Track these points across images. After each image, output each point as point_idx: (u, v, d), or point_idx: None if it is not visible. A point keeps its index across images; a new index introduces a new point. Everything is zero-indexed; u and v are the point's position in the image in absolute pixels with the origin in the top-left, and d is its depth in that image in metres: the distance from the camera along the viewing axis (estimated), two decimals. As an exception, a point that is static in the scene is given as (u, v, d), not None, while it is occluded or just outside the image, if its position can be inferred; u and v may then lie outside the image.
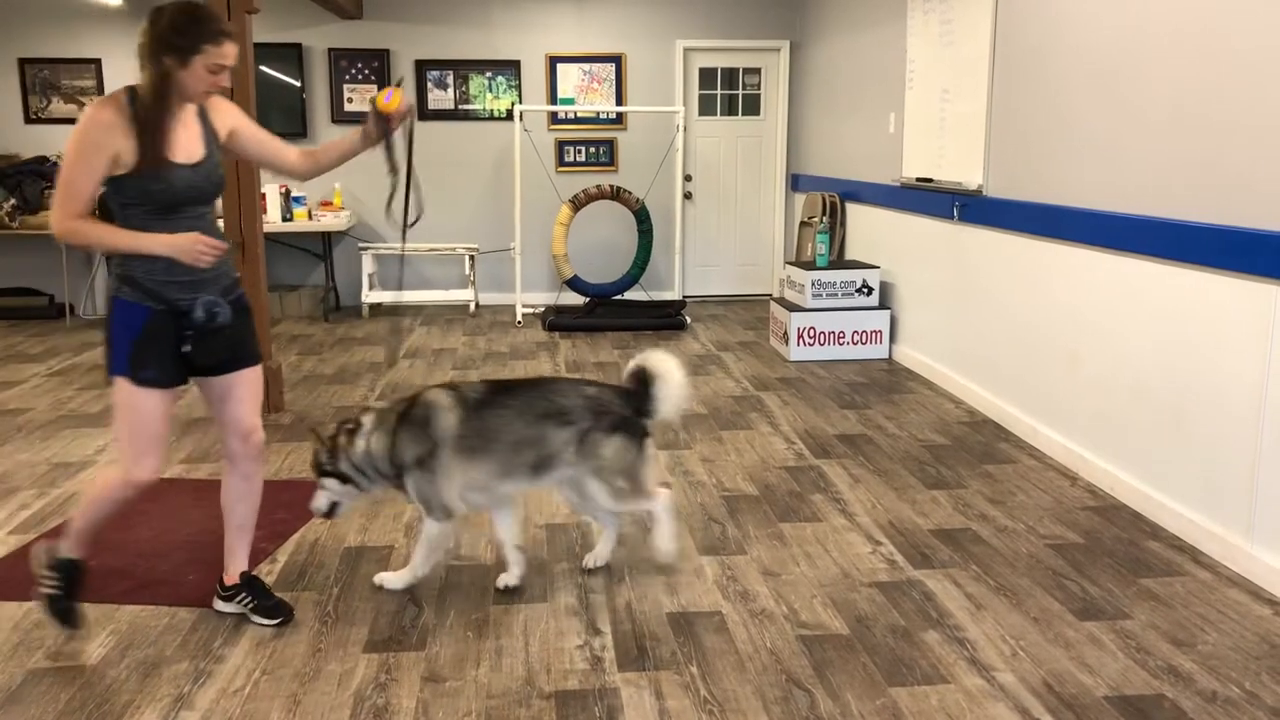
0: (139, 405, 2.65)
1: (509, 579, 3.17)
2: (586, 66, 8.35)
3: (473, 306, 8.25)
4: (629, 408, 3.15)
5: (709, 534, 3.60)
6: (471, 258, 8.18)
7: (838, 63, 7.49)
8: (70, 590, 2.83)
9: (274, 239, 7.85)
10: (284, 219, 7.72)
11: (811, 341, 6.31)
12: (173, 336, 2.66)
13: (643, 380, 3.17)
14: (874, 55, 6.70)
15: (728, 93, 8.60)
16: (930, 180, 5.75)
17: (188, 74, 2.52)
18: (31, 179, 7.63)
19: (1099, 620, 2.96)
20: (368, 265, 8.03)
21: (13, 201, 7.53)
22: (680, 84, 8.42)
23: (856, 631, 2.90)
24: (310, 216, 7.90)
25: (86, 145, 2.50)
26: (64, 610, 2.83)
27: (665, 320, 7.43)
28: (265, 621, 2.93)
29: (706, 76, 8.54)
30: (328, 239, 8.19)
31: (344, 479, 3.05)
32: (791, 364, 6.26)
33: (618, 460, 3.10)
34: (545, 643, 2.84)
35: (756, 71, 8.58)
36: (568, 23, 8.32)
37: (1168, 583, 3.21)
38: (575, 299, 7.97)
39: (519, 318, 7.75)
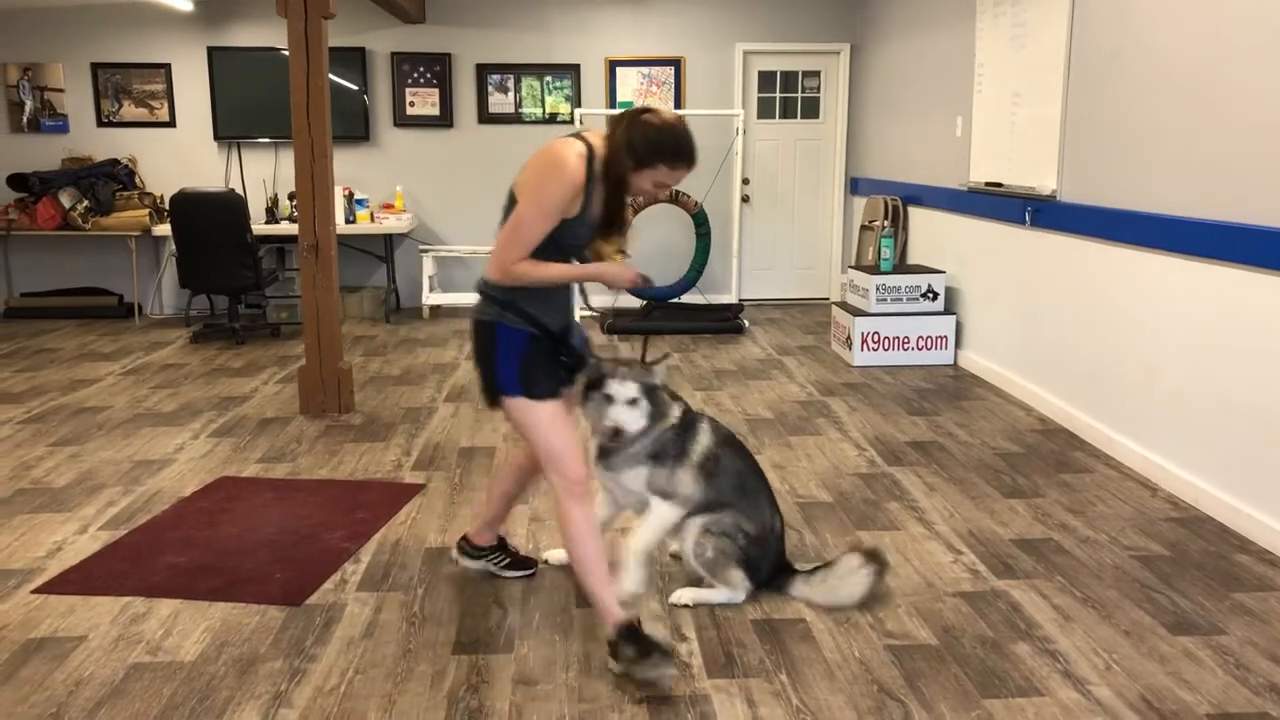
0: (544, 417, 2.78)
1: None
2: (646, 70, 8.37)
3: (531, 309, 8.28)
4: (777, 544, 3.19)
5: (786, 541, 3.58)
6: (530, 260, 8.21)
7: (900, 65, 7.43)
8: (645, 647, 2.66)
9: (337, 241, 7.94)
10: (347, 221, 7.81)
11: (875, 346, 6.27)
12: (551, 354, 2.84)
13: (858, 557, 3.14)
14: (939, 58, 6.64)
15: (787, 96, 8.56)
16: (999, 185, 5.68)
17: (636, 178, 2.68)
18: (104, 181, 7.79)
19: (1193, 635, 2.90)
20: (428, 267, 8.10)
21: (85, 203, 7.70)
22: (739, 87, 8.40)
23: (945, 642, 2.87)
24: (373, 219, 8.00)
25: (555, 203, 2.64)
26: (659, 660, 2.64)
27: (723, 324, 7.42)
28: (518, 574, 3.27)
29: (765, 79, 8.52)
30: (389, 241, 8.28)
31: (654, 409, 2.97)
32: (855, 369, 6.22)
33: (720, 557, 3.08)
34: (632, 647, 2.85)
35: (816, 74, 8.54)
36: (627, 26, 8.34)
37: (1262, 598, 3.14)
38: (633, 301, 7.98)
39: (578, 320, 7.76)
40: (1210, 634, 2.91)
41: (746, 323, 7.58)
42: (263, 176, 8.26)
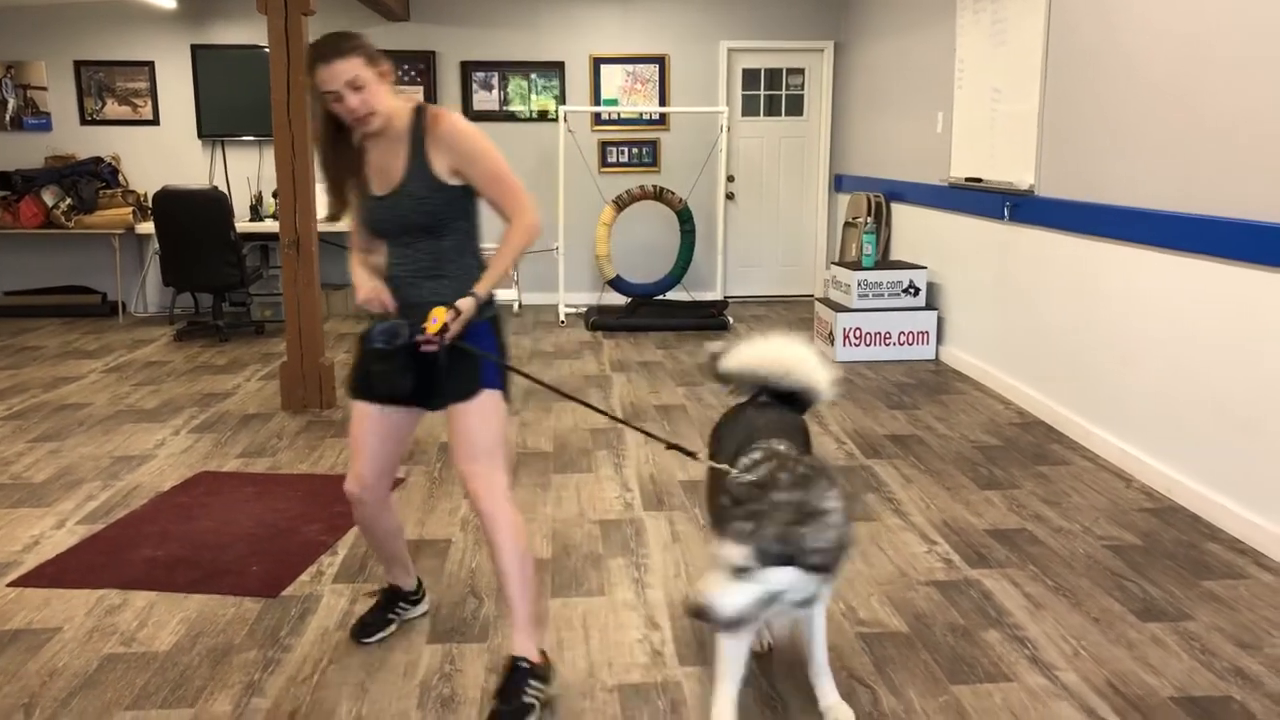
0: (353, 414, 2.62)
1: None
2: (630, 68, 8.38)
3: (516, 306, 8.30)
4: None
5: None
6: (515, 257, 8.22)
7: (883, 63, 7.46)
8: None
9: (320, 238, 7.94)
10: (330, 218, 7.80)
11: (858, 342, 6.30)
12: (373, 351, 2.48)
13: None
14: (921, 55, 6.67)
15: (771, 93, 8.59)
16: (979, 180, 5.72)
17: (327, 107, 2.37)
18: (87, 179, 7.78)
19: (1161, 621, 2.93)
20: (413, 265, 8.09)
21: (68, 201, 7.68)
22: (724, 84, 8.43)
23: (916, 629, 2.90)
24: (357, 216, 7.99)
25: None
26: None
27: (708, 320, 7.44)
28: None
29: (750, 77, 8.54)
30: (373, 239, 8.27)
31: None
32: (838, 364, 6.25)
33: None
34: (605, 636, 2.87)
35: (800, 72, 8.57)
36: (612, 24, 8.35)
37: (1230, 585, 3.17)
38: (618, 299, 8.00)
39: (562, 317, 7.79)
40: (1178, 620, 2.94)
41: (731, 319, 7.60)
42: (247, 174, 8.25)
